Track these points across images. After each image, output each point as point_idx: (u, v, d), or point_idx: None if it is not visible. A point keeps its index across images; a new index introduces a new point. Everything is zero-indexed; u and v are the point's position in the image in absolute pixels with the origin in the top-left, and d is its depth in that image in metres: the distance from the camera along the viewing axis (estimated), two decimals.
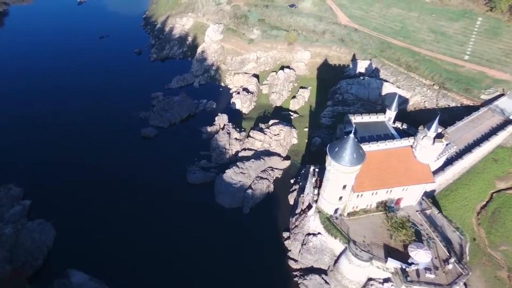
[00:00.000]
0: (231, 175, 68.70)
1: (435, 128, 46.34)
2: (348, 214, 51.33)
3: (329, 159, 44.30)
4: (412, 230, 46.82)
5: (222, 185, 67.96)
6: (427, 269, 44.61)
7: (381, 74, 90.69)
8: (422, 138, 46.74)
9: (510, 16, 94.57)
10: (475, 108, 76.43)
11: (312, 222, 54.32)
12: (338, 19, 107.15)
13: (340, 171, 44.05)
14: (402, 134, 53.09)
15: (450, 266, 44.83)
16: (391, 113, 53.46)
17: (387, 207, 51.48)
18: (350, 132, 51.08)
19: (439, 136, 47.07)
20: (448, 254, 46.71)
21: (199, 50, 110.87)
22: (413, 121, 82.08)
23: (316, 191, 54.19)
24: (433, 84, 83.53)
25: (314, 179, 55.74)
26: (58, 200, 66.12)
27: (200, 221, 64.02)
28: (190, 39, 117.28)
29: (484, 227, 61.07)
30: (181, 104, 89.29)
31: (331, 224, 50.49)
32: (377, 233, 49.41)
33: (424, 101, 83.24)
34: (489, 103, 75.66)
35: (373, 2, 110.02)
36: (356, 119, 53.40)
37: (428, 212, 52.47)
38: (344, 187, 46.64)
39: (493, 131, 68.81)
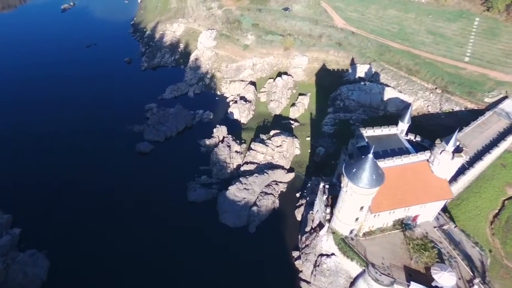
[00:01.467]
0: (235, 192, 65.44)
1: (453, 143, 44.03)
2: (364, 234, 48.69)
3: (345, 180, 41.51)
4: (435, 251, 44.46)
5: (226, 203, 64.64)
6: None
7: (382, 78, 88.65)
8: (441, 153, 44.33)
9: (507, 15, 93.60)
10: (480, 112, 74.95)
11: (325, 243, 51.54)
12: (334, 22, 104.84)
13: (358, 193, 41.32)
14: (416, 146, 50.65)
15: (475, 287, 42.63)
16: (403, 125, 51.01)
17: (404, 225, 49.07)
18: (363, 147, 48.90)
19: (457, 150, 44.75)
20: (472, 274, 44.52)
21: (192, 57, 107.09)
22: (417, 126, 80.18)
23: (328, 210, 51.42)
24: (436, 88, 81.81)
25: (325, 196, 52.90)
26: (50, 226, 61.96)
27: (205, 242, 60.58)
28: (182, 46, 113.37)
29: (498, 237, 59.15)
30: (177, 116, 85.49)
31: (346, 245, 47.79)
32: (396, 254, 46.91)
33: (428, 106, 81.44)
34: (493, 107, 74.23)
35: (369, 4, 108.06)
36: (367, 132, 50.78)
37: (445, 227, 50.22)
38: (361, 208, 43.93)
39: (501, 136, 67.30)
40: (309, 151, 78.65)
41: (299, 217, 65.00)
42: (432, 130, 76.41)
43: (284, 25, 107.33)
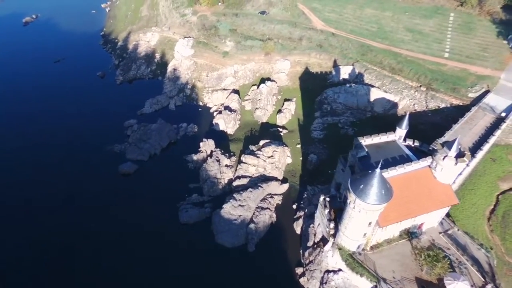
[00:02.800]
0: (230, 210, 62.33)
1: (456, 148, 43.05)
2: (371, 247, 47.03)
3: (352, 197, 39.52)
4: (448, 262, 43.38)
5: (221, 222, 61.41)
6: None
7: (366, 78, 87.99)
8: (443, 159, 43.25)
9: (480, 10, 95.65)
10: (465, 108, 75.41)
11: (331, 258, 49.55)
12: (312, 24, 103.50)
13: (366, 209, 39.45)
14: (415, 152, 49.51)
15: None
16: (401, 131, 49.80)
17: (410, 233, 47.84)
18: (364, 157, 47.22)
19: (460, 155, 43.86)
20: (483, 280, 43.78)
21: (169, 68, 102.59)
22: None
23: (332, 225, 49.40)
24: (420, 86, 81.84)
25: (326, 210, 50.88)
26: (28, 268, 56.36)
27: (202, 266, 57.14)
28: (158, 56, 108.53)
29: (497, 234, 59.19)
30: (160, 132, 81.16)
31: (355, 261, 45.97)
32: (406, 265, 45.54)
33: (414, 104, 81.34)
34: (478, 102, 74.80)
35: (345, 4, 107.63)
36: (366, 141, 49.15)
37: (450, 231, 49.45)
38: (370, 223, 42.12)
39: (489, 131, 67.66)
40: (301, 158, 76.63)
41: (298, 230, 62.78)
42: (421, 129, 76.37)
43: (263, 29, 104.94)
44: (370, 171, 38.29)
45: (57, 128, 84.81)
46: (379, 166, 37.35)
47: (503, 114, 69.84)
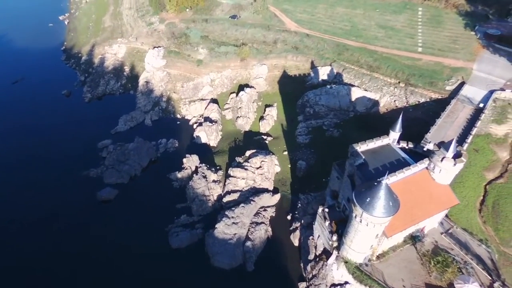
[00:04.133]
0: (223, 229, 59.15)
1: (453, 148, 42.52)
2: (377, 256, 45.73)
3: (359, 211, 37.79)
4: (457, 266, 42.81)
5: (216, 244, 58.10)
6: None
7: (345, 78, 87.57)
8: (442, 160, 42.58)
9: (446, 3, 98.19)
10: (444, 101, 76.49)
11: (336, 271, 47.81)
12: (286, 26, 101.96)
13: (374, 222, 37.86)
14: (410, 154, 48.75)
15: None
16: (395, 134, 48.85)
17: (413, 237, 47.05)
18: (361, 165, 45.78)
19: (457, 155, 43.39)
20: (490, 278, 43.63)
21: (141, 80, 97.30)
22: (389, 123, 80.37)
23: (334, 237, 47.65)
24: (399, 82, 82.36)
25: (327, 222, 49.07)
26: None
27: None
28: (127, 69, 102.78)
29: (490, 225, 59.96)
30: (138, 151, 76.29)
31: (363, 274, 44.45)
32: (414, 271, 44.62)
33: (394, 101, 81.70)
34: (455, 94, 76.10)
35: (316, 3, 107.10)
36: (361, 147, 47.73)
37: (451, 231, 49.19)
38: (377, 235, 40.65)
39: (471, 123, 68.81)
40: (289, 166, 74.62)
41: (296, 243, 60.71)
42: (404, 125, 76.42)
43: (235, 34, 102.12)
44: (375, 183, 36.66)
45: (21, 158, 77.15)
46: (386, 177, 35.76)
47: (481, 105, 71.22)
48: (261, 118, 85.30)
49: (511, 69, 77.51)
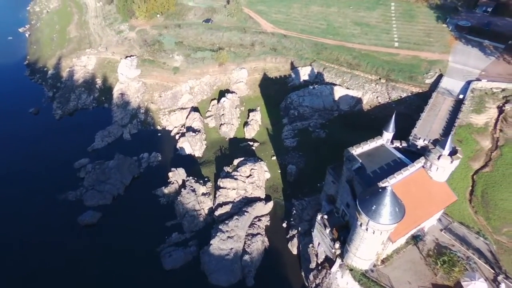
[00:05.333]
0: (219, 244, 56.58)
1: (449, 146, 42.28)
2: (382, 261, 44.90)
3: (365, 219, 36.57)
4: (463, 263, 42.61)
5: (212, 261, 55.45)
6: None
7: (326, 77, 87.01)
8: (439, 159, 42.25)
9: None
10: (426, 94, 77.55)
11: (341, 279, 46.60)
12: (262, 27, 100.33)
13: (381, 230, 36.78)
14: (404, 153, 48.23)
15: (503, 286, 41.81)
16: (388, 135, 48.18)
17: (414, 237, 46.62)
18: (359, 169, 44.70)
19: (453, 152, 43.21)
20: (493, 271, 43.82)
21: (115, 93, 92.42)
22: (374, 120, 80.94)
23: (337, 245, 46.39)
24: (380, 78, 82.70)
25: (328, 230, 47.75)
26: None
27: None
28: (99, 81, 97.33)
29: (481, 214, 60.85)
30: (120, 168, 72.02)
31: (369, 280, 43.44)
32: (419, 273, 44.14)
33: (377, 97, 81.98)
34: (435, 87, 77.27)
35: (290, 3, 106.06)
36: (356, 150, 46.70)
37: (449, 226, 49.23)
38: (383, 242, 39.67)
39: (453, 115, 69.92)
40: (279, 171, 72.94)
41: (294, 251, 59.12)
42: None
43: (211, 38, 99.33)
44: (380, 190, 35.54)
45: None
46: (390, 185, 34.70)
47: (461, 96, 72.45)
48: (245, 123, 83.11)
49: (484, 59, 79.54)
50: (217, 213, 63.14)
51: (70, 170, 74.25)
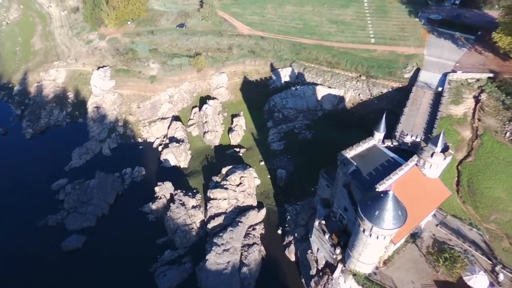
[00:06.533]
0: (215, 259, 54.69)
1: (441, 143, 42.52)
2: (384, 262, 44.71)
3: (368, 225, 36.02)
4: (464, 258, 43.01)
5: (210, 277, 53.52)
6: None
7: (307, 77, 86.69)
8: (432, 156, 42.44)
9: None
10: (406, 89, 78.74)
11: (343, 284, 46.09)
12: (238, 30, 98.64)
13: (384, 234, 36.34)
14: (396, 152, 48.26)
15: (501, 277, 42.66)
16: (379, 135, 48.04)
17: (412, 235, 46.76)
18: (354, 172, 44.24)
19: (445, 149, 43.54)
20: (491, 262, 44.64)
21: (90, 106, 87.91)
22: (358, 117, 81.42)
23: (338, 250, 45.78)
24: (360, 75, 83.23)
25: (327, 236, 47.05)
26: None
27: None
28: (71, 95, 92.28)
29: (469, 204, 62.45)
30: (102, 187, 68.40)
31: (374, 283, 43.11)
32: (421, 271, 44.28)
33: (359, 94, 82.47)
34: (414, 81, 78.55)
35: (264, 4, 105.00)
36: (349, 153, 46.19)
37: (444, 221, 49.85)
38: (385, 246, 39.35)
39: (434, 108, 71.22)
40: (269, 176, 71.73)
41: (292, 257, 58.15)
42: (372, 117, 77.37)
43: (187, 43, 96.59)
44: (382, 194, 35.07)
45: None
46: (391, 189, 34.26)
47: (440, 89, 73.86)
48: (230, 129, 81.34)
49: (457, 51, 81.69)
50: (209, 225, 61.14)
51: (47, 193, 69.73)
